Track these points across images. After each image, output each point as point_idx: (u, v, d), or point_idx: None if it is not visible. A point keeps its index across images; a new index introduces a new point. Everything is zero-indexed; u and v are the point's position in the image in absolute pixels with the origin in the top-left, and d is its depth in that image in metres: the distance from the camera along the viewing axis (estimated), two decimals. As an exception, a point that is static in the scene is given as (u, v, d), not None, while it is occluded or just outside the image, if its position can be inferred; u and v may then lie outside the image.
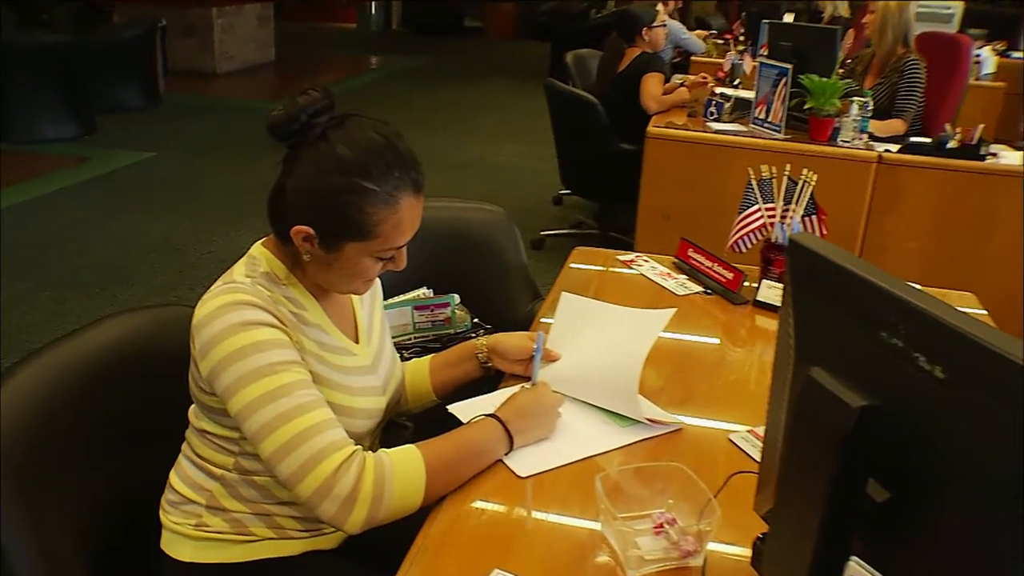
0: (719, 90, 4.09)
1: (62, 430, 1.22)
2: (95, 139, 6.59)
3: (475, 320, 1.97)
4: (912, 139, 3.41)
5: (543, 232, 4.63)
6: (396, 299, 1.90)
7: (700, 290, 1.95)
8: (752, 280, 1.91)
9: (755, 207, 1.99)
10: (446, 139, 7.08)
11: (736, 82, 4.60)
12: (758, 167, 1.98)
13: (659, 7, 4.59)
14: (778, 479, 0.88)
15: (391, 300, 1.87)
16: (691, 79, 4.43)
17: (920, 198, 3.22)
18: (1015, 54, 6.36)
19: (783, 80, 3.30)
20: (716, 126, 3.59)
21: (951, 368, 0.67)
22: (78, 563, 1.20)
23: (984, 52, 5.61)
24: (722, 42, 6.28)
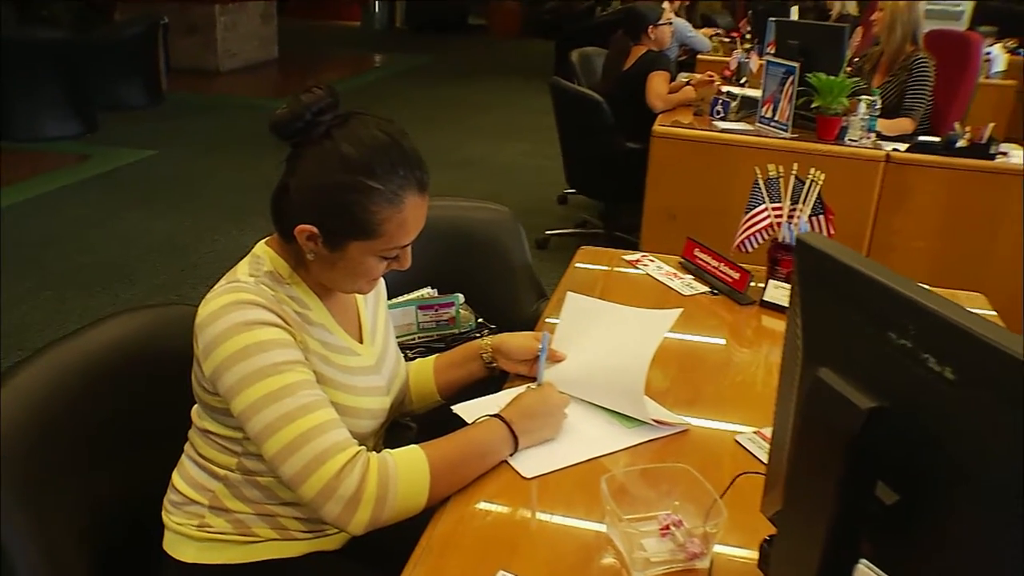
0: (725, 88, 4.08)
1: (64, 430, 1.21)
2: (97, 137, 6.58)
3: (480, 320, 1.96)
4: (921, 138, 3.39)
5: (548, 232, 4.62)
6: (400, 299, 1.90)
7: (706, 290, 1.94)
8: (759, 280, 1.90)
9: (762, 207, 1.98)
10: (450, 138, 7.06)
11: (743, 80, 4.58)
12: (765, 166, 1.97)
13: (665, 5, 4.57)
14: (786, 481, 0.88)
15: (395, 300, 1.87)
16: (697, 77, 4.43)
17: (929, 198, 3.20)
18: (1026, 52, 6.32)
19: (790, 78, 3.28)
20: (722, 125, 3.58)
21: (961, 369, 0.66)
22: (80, 563, 1.20)
23: (994, 50, 5.56)
24: (728, 40, 6.27)
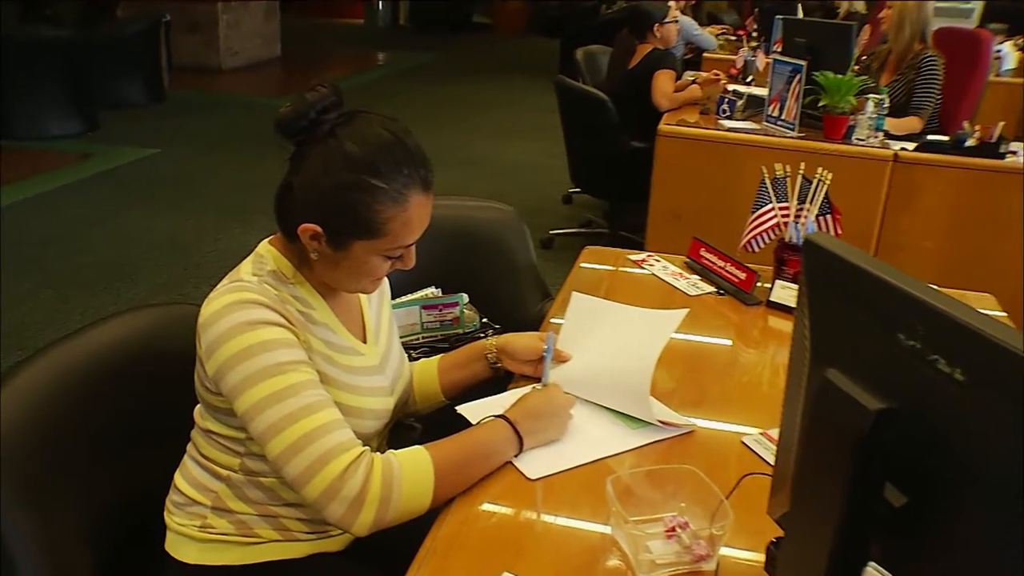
0: (731, 87, 4.06)
1: (65, 430, 1.21)
2: (98, 135, 6.57)
3: (484, 320, 1.96)
4: (929, 137, 3.37)
5: (552, 231, 4.62)
6: (404, 298, 1.89)
7: (712, 290, 1.93)
8: (765, 280, 1.89)
9: (768, 206, 1.97)
10: (454, 136, 7.05)
11: (749, 79, 4.57)
12: (771, 165, 1.96)
13: (671, 3, 4.56)
14: (793, 483, 0.87)
15: (399, 299, 1.86)
16: (703, 76, 4.41)
17: (937, 197, 3.18)
18: (1037, 49, 6.27)
19: (797, 77, 3.27)
20: (728, 124, 3.56)
21: (970, 370, 0.66)
22: (81, 564, 1.19)
23: (1005, 47, 5.51)
24: (734, 38, 6.25)
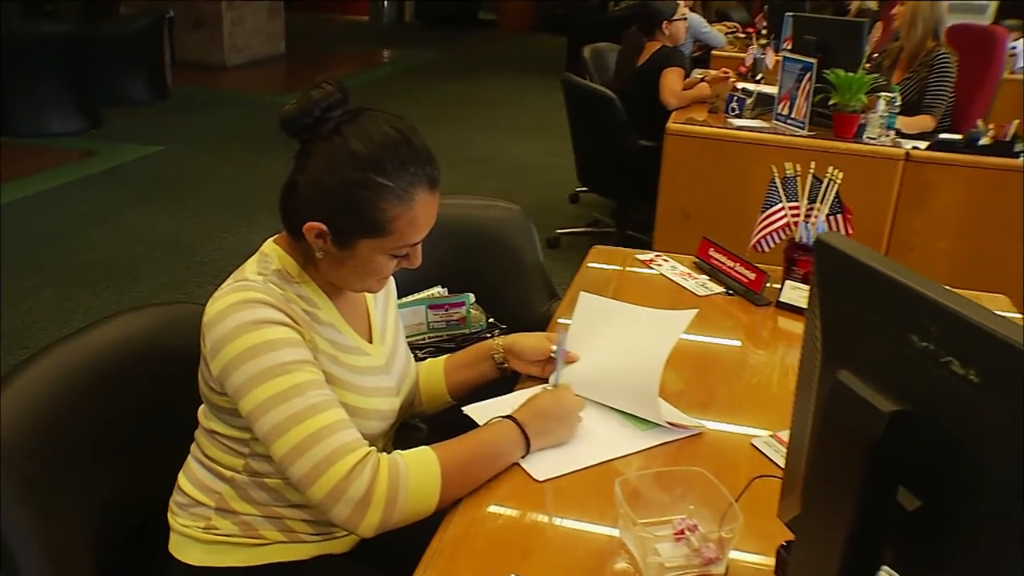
0: (741, 85, 4.04)
1: (68, 429, 1.21)
2: (101, 133, 6.55)
3: (490, 320, 1.95)
4: (942, 136, 3.34)
5: (559, 230, 4.60)
6: (410, 298, 1.88)
7: (721, 291, 1.92)
8: (775, 281, 1.88)
9: (778, 206, 1.96)
10: (460, 135, 7.03)
11: (758, 77, 4.54)
12: (781, 165, 1.95)
13: (680, 0, 4.53)
14: (804, 486, 0.86)
15: (405, 299, 1.86)
16: (712, 74, 4.39)
17: (949, 197, 3.15)
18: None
19: (807, 75, 3.24)
20: (738, 122, 3.55)
21: (985, 372, 0.65)
22: (83, 565, 1.19)
23: (1020, 44, 5.41)
24: (744, 36, 6.22)
